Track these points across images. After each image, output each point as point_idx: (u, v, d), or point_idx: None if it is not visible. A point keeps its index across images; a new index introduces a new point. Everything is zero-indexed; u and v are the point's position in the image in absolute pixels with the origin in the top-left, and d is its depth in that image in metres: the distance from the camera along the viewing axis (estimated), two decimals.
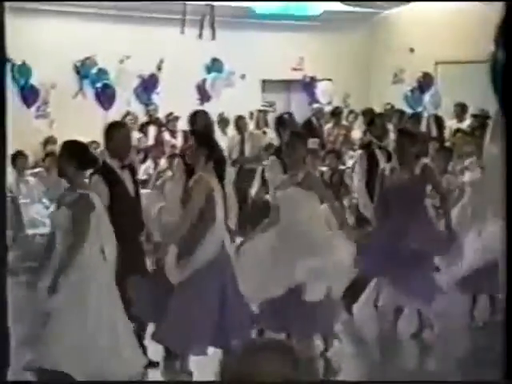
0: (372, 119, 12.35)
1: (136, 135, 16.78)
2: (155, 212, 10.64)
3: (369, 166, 11.21)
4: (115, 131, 9.20)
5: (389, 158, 11.03)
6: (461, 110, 17.70)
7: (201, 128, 9.92)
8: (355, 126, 18.48)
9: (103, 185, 8.71)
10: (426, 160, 11.10)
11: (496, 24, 4.87)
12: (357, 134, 17.47)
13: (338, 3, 12.49)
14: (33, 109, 16.93)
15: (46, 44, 16.54)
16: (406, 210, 10.16)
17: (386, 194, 10.37)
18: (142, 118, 17.81)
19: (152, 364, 9.08)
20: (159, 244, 9.42)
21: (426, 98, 19.60)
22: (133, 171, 9.39)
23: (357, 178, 11.50)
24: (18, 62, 16.64)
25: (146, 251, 9.62)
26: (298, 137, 9.79)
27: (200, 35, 18.14)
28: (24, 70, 16.80)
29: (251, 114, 18.51)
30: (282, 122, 11.01)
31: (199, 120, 10.19)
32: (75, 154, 8.14)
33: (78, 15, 16.62)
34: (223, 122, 17.91)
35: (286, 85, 20.17)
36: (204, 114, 10.69)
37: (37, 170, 15.36)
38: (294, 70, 19.84)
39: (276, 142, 11.72)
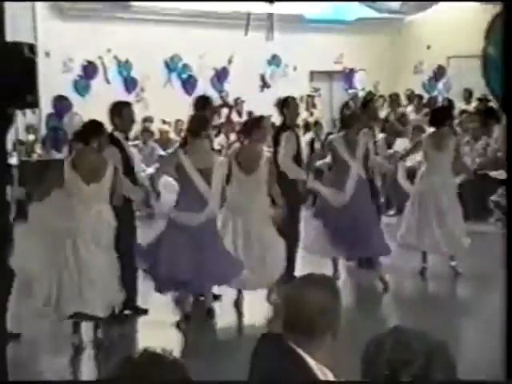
0: (365, 103, 11.69)
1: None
2: None
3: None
4: (123, 109, 8.71)
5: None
6: (468, 94, 17.72)
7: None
8: (384, 107, 18.57)
9: (117, 152, 8.22)
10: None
11: (488, 22, 4.80)
12: (383, 114, 17.39)
13: (370, 11, 12.56)
14: (133, 94, 17.12)
15: (143, 44, 16.65)
16: None
17: None
18: (216, 102, 17.80)
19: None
20: None
21: (440, 85, 19.72)
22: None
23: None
24: (123, 60, 17.02)
25: None
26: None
27: (267, 38, 18.23)
28: (127, 66, 17.20)
29: (301, 97, 18.60)
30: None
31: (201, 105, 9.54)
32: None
33: (167, 22, 16.85)
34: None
35: (329, 75, 20.08)
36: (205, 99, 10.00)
37: (136, 142, 15.58)
38: (336, 63, 19.80)
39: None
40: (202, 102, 9.74)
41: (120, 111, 8.69)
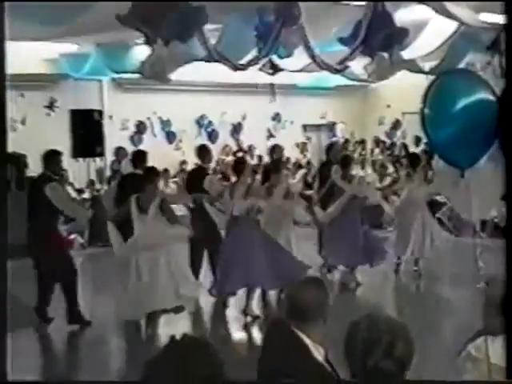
0: (330, 146, 11.68)
1: (230, 158, 16.87)
2: None
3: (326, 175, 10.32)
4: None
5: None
6: (417, 140, 17.75)
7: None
8: (357, 150, 18.56)
9: None
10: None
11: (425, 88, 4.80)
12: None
13: (345, 80, 12.57)
14: (173, 144, 17.11)
15: (180, 108, 16.68)
16: None
17: None
18: (234, 148, 17.96)
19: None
20: None
21: (398, 133, 19.61)
22: None
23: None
24: (165, 119, 16.99)
25: None
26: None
27: (270, 100, 18.19)
28: (168, 123, 17.11)
29: (297, 144, 18.64)
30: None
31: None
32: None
33: (197, 91, 16.82)
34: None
35: (317, 127, 19.95)
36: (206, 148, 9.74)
37: (175, 179, 15.60)
38: (322, 118, 19.77)
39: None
40: (204, 152, 9.67)
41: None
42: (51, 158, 8.00)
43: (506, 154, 3.63)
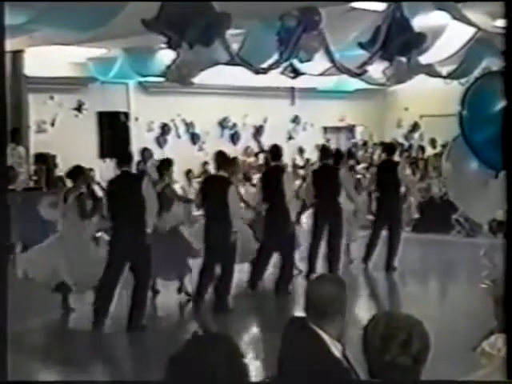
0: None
1: (252, 159, 16.94)
2: None
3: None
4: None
5: None
6: (433, 142, 17.68)
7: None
8: (376, 152, 18.49)
9: None
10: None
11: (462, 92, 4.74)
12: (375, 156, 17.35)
13: (364, 84, 12.51)
14: (196, 146, 17.06)
15: (203, 110, 16.66)
16: None
17: None
18: (255, 150, 17.89)
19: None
20: None
21: (416, 135, 19.52)
22: None
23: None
24: (189, 121, 16.98)
25: None
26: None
27: (291, 103, 18.26)
28: (192, 125, 17.07)
29: (317, 145, 18.51)
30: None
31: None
32: None
33: (219, 94, 16.80)
34: (301, 151, 17.93)
35: (337, 129, 19.89)
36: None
37: (198, 179, 15.56)
38: (341, 120, 19.69)
39: None
40: (278, 151, 9.95)
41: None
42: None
43: (506, 156, 3.58)
